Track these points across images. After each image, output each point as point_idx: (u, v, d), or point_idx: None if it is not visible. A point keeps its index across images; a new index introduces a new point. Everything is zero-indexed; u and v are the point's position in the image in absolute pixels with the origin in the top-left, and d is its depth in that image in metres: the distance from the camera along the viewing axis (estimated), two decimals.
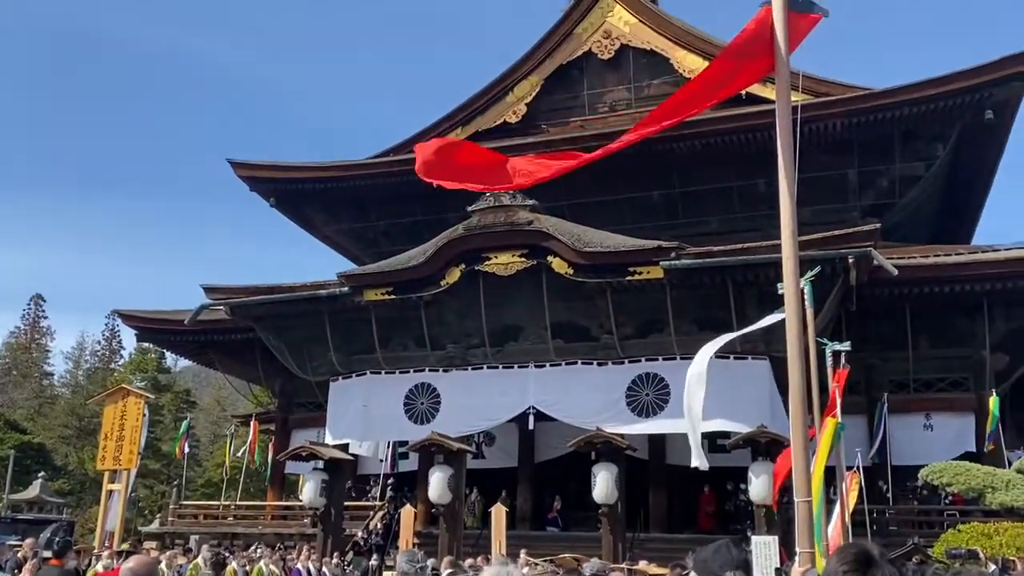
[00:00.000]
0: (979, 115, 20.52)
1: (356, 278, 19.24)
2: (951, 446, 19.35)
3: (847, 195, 22.62)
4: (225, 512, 24.19)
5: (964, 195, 24.76)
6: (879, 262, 16.41)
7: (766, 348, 16.92)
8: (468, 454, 19.10)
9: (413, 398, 19.70)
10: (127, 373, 50.34)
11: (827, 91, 22.02)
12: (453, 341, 19.46)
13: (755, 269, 16.32)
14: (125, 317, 26.36)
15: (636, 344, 18.24)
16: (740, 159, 22.13)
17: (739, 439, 16.36)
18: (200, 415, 56.21)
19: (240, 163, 26.38)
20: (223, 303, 20.52)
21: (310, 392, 23.41)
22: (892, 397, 19.72)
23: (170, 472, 44.53)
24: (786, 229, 5.61)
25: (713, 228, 22.97)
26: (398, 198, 25.78)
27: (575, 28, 26.23)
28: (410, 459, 21.88)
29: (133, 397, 22.83)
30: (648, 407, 17.99)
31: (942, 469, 15.97)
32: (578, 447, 16.99)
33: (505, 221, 18.04)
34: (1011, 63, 19.78)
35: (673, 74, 25.08)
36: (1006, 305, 19.35)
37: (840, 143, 21.54)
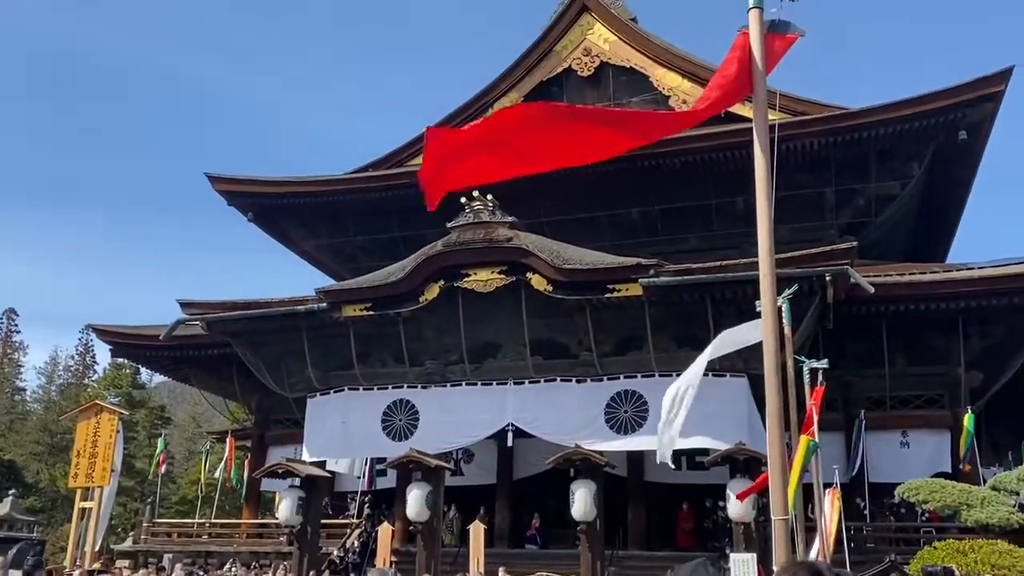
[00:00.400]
0: (953, 135, 20.80)
1: (334, 294, 19.13)
2: (927, 463, 19.47)
3: (824, 213, 22.82)
4: (200, 530, 23.84)
5: (939, 214, 25.06)
6: (856, 280, 16.53)
7: (744, 365, 16.97)
8: (446, 471, 18.96)
9: (391, 415, 19.56)
10: (101, 389, 49.68)
11: (804, 110, 22.26)
12: (432, 357, 19.37)
13: (733, 286, 16.39)
14: (100, 332, 26.03)
15: (615, 361, 18.24)
16: (718, 177, 22.29)
17: (717, 456, 16.36)
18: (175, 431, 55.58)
19: (218, 177, 26.23)
20: (200, 318, 20.32)
21: (287, 408, 23.20)
22: (869, 414, 19.83)
23: (144, 489, 43.93)
24: (764, 247, 5.63)
25: (692, 245, 23.10)
26: (377, 214, 25.74)
27: (555, 45, 26.39)
28: (388, 476, 21.72)
29: (107, 413, 22.50)
30: (627, 424, 17.97)
31: (918, 486, 16.05)
32: (557, 464, 16.92)
33: (484, 238, 18.03)
34: (984, 84, 20.09)
35: (652, 91, 25.28)
36: (980, 323, 19.55)
37: (817, 162, 21.75)
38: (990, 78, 20.04)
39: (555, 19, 26.63)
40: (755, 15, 5.65)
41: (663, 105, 25.06)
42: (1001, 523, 14.97)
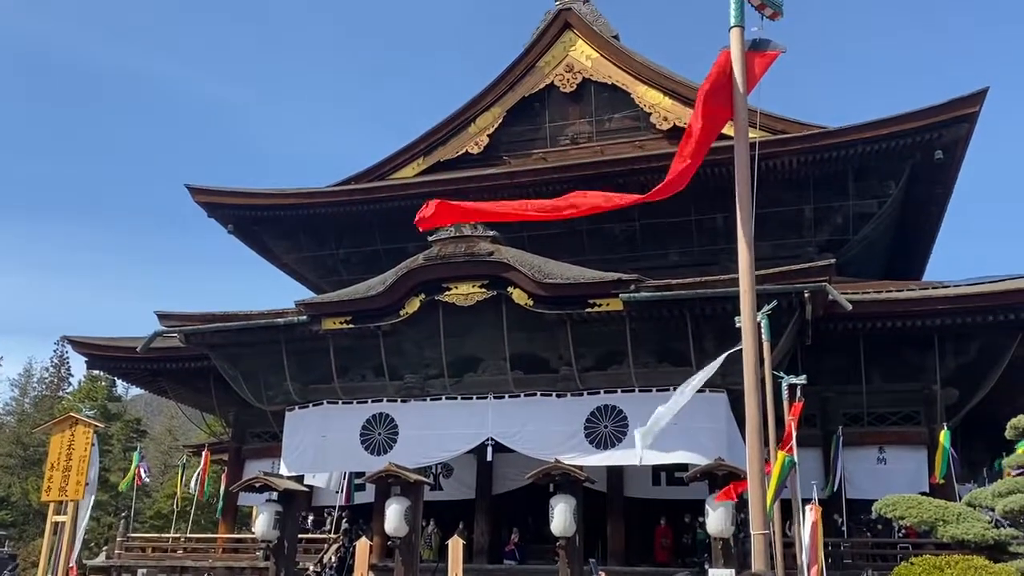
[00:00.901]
0: (929, 155, 21.09)
1: (315, 307, 19.04)
2: (904, 479, 19.59)
3: (803, 230, 23.03)
4: (174, 545, 23.50)
5: (915, 232, 25.36)
6: (834, 297, 16.67)
7: (723, 381, 17.02)
8: (425, 486, 18.87)
9: (370, 429, 19.46)
10: (76, 401, 49.03)
11: (783, 129, 22.50)
12: (412, 371, 19.31)
13: (713, 302, 16.48)
14: (75, 344, 25.72)
15: (595, 376, 18.26)
16: (699, 193, 22.36)
17: (696, 472, 16.38)
18: (151, 445, 54.94)
19: (198, 188, 26.08)
20: (178, 330, 20.14)
21: (265, 422, 23.02)
22: (846, 430, 19.94)
23: (118, 503, 43.33)
24: (743, 263, 5.69)
25: (672, 261, 23.22)
26: (358, 227, 25.69)
27: (538, 61, 26.53)
28: (366, 491, 21.56)
29: (81, 426, 22.12)
30: (607, 439, 17.98)
31: (895, 502, 16.14)
32: (536, 479, 16.87)
33: (466, 251, 18.03)
34: (960, 105, 20.39)
35: (634, 108, 25.46)
36: (956, 340, 19.75)
37: (796, 180, 21.98)
38: (965, 99, 20.35)
39: (538, 35, 26.79)
40: (736, 34, 5.73)
41: (644, 121, 25.24)
42: (977, 539, 15.08)
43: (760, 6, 5.79)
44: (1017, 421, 15.74)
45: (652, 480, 21.07)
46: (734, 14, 5.71)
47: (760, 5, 5.79)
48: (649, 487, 21.06)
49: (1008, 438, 16.26)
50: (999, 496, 15.49)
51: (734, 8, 5.72)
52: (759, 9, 5.81)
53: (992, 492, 15.97)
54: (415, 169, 26.53)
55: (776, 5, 5.82)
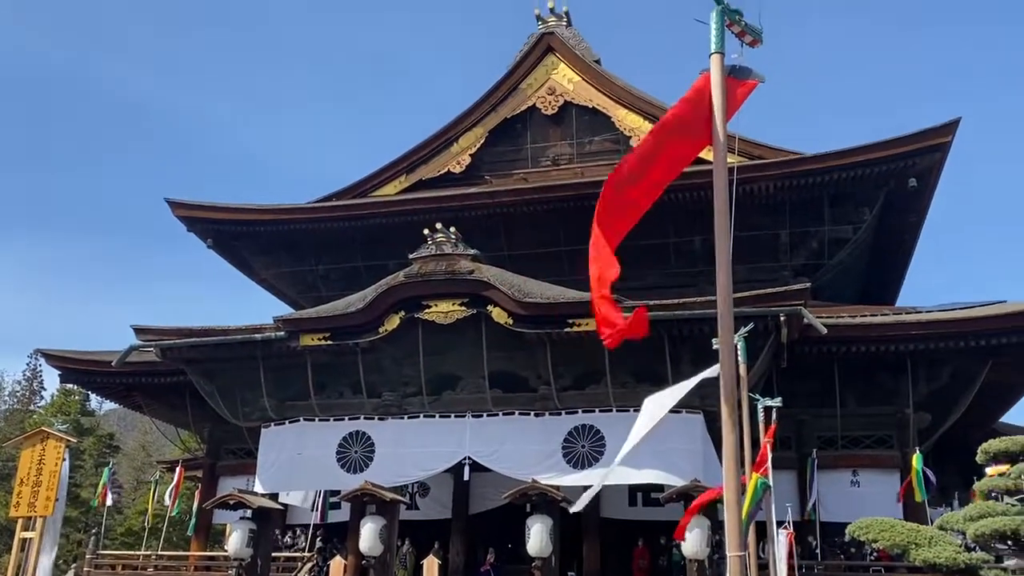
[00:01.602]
0: (903, 182, 21.45)
1: (293, 322, 18.97)
2: (877, 503, 19.73)
3: (779, 254, 23.29)
4: (145, 562, 23.18)
5: (889, 258, 25.72)
6: (809, 320, 16.87)
7: (700, 402, 17.14)
8: (401, 505, 18.78)
9: (347, 446, 19.37)
10: (48, 415, 48.29)
11: (761, 154, 22.81)
12: (390, 389, 19.27)
13: (691, 323, 16.62)
14: (48, 357, 25.41)
15: (573, 395, 18.32)
16: (677, 216, 22.65)
17: (672, 493, 16.45)
18: (124, 460, 54.15)
19: (178, 203, 25.97)
20: (154, 344, 19.98)
21: (240, 438, 22.83)
22: (820, 453, 20.10)
23: (88, 520, 42.63)
24: (721, 286, 5.77)
25: (650, 283, 23.34)
26: (339, 243, 25.66)
27: (520, 83, 26.76)
28: (341, 509, 21.41)
29: (53, 440, 21.83)
30: (584, 459, 18.01)
31: (868, 525, 16.25)
32: (513, 499, 16.86)
33: (446, 270, 18.08)
34: (933, 134, 20.79)
35: (614, 131, 25.72)
36: (928, 365, 20.01)
37: (773, 204, 22.25)
38: (938, 129, 20.76)
39: (521, 58, 27.05)
40: (716, 60, 5.84)
41: (624, 144, 25.49)
42: (948, 562, 15.22)
43: (740, 33, 5.91)
44: (988, 445, 15.96)
45: (628, 501, 21.11)
46: (715, 40, 5.83)
47: (740, 32, 5.91)
48: (626, 508, 21.09)
49: (979, 462, 16.48)
50: (970, 520, 15.66)
51: (715, 35, 5.84)
52: (739, 36, 5.93)
53: (963, 516, 16.14)
54: (397, 187, 26.61)
55: (756, 33, 5.94)
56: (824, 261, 23.36)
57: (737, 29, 5.90)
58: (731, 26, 5.89)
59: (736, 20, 5.88)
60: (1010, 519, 14.97)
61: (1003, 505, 15.95)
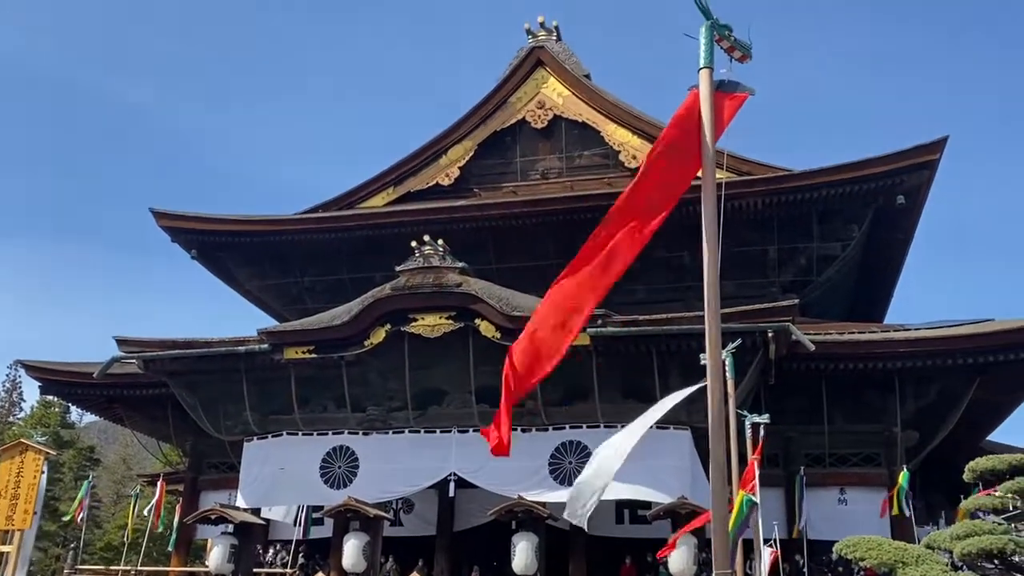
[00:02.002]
0: (891, 200, 21.51)
1: (277, 335, 18.79)
2: (865, 521, 19.65)
3: (767, 271, 23.29)
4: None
5: (877, 275, 25.77)
6: (797, 337, 16.83)
7: (688, 419, 17.05)
8: (385, 521, 18.56)
9: (330, 461, 19.15)
10: (27, 427, 47.74)
11: (749, 170, 22.84)
12: (375, 403, 19.08)
13: (679, 339, 16.55)
14: (29, 368, 25.09)
15: (561, 411, 18.18)
16: (666, 231, 22.36)
17: (659, 510, 16.32)
18: (104, 474, 53.56)
19: (162, 213, 25.78)
20: (136, 356, 19.75)
21: (222, 452, 22.57)
22: (808, 471, 20.01)
23: (67, 534, 42.06)
24: (709, 301, 5.68)
25: (639, 298, 23.30)
26: (325, 255, 25.51)
27: (510, 97, 26.77)
28: (324, 524, 21.15)
29: (32, 453, 21.54)
30: (571, 475, 17.82)
31: (855, 543, 16.13)
32: (499, 516, 16.69)
33: (433, 283, 17.95)
34: (921, 152, 20.88)
35: (603, 146, 25.73)
36: (916, 383, 20.00)
37: (761, 221, 22.26)
38: (927, 146, 20.85)
39: (511, 71, 27.06)
40: (705, 75, 5.77)
41: (613, 159, 25.49)
42: None
43: (729, 48, 5.85)
44: (975, 464, 15.90)
45: (616, 518, 20.94)
46: (704, 55, 5.76)
47: (729, 48, 5.85)
48: (612, 525, 20.92)
49: (966, 480, 16.43)
50: (957, 539, 15.58)
51: (704, 50, 5.78)
52: (728, 52, 5.87)
53: (950, 535, 16.06)
54: (385, 199, 26.51)
55: (745, 48, 5.88)
56: (812, 278, 23.37)
57: (726, 44, 5.84)
58: (720, 41, 5.83)
59: (725, 35, 5.83)
60: (997, 538, 14.90)
61: (990, 524, 15.89)
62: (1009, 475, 15.19)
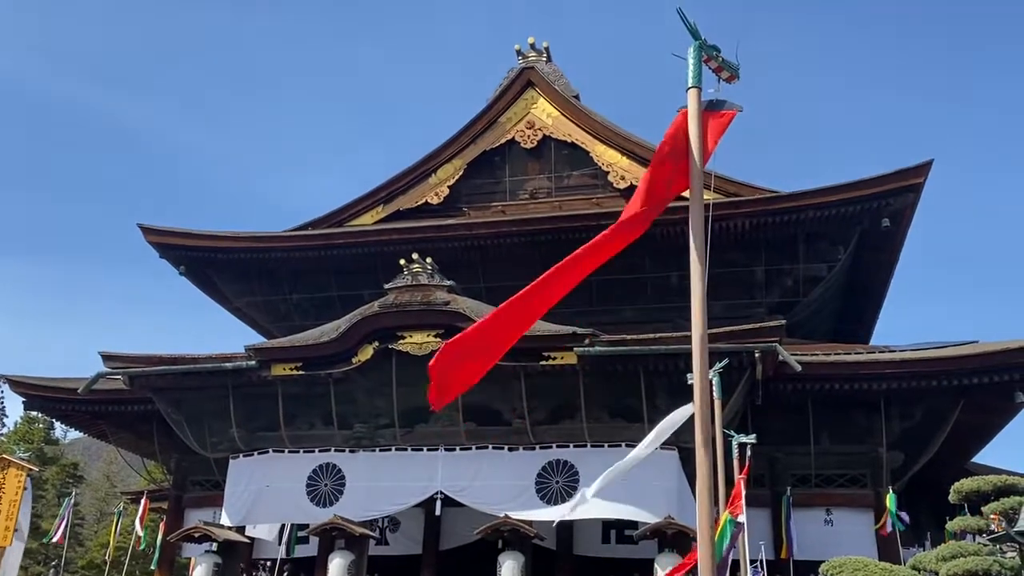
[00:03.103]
0: (877, 222, 21.72)
1: (265, 352, 18.73)
2: (851, 542, 19.67)
3: (754, 291, 23.42)
4: None
5: (863, 296, 25.95)
6: (784, 357, 16.90)
7: (675, 438, 16.98)
8: (371, 539, 18.44)
9: (316, 479, 19.03)
10: (10, 443, 47.23)
11: (736, 191, 23.03)
12: (361, 421, 19.01)
13: (666, 359, 16.59)
14: (13, 383, 24.86)
15: (548, 430, 18.16)
16: (653, 251, 22.75)
17: (646, 530, 16.30)
18: (87, 491, 52.99)
19: (150, 228, 25.72)
20: (122, 372, 19.61)
21: (208, 469, 22.37)
22: (794, 491, 20.05)
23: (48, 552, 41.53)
24: (696, 321, 5.72)
25: (626, 317, 23.37)
26: (313, 272, 25.49)
27: (500, 117, 26.91)
28: (309, 543, 20.98)
29: (14, 469, 21.26)
30: (558, 494, 17.80)
31: (841, 564, 16.15)
32: (485, 534, 16.63)
33: (421, 300, 17.96)
34: (906, 176, 21.11)
35: (593, 166, 25.89)
36: (901, 404, 20.10)
37: (748, 242, 22.41)
38: (911, 170, 21.09)
39: (501, 92, 27.22)
40: (694, 95, 5.84)
41: (602, 179, 25.64)
42: None
43: (717, 68, 5.92)
44: (960, 485, 15.97)
45: (602, 538, 20.87)
46: (692, 75, 5.84)
47: (717, 68, 5.92)
48: (599, 545, 20.84)
49: (952, 502, 16.48)
50: (943, 560, 15.61)
51: (692, 70, 5.85)
52: (716, 72, 5.94)
53: (936, 556, 16.09)
54: (374, 217, 26.54)
55: (733, 68, 5.96)
56: (799, 299, 23.51)
57: (714, 65, 5.92)
58: (708, 61, 5.90)
59: (713, 56, 5.90)
60: (981, 559, 14.94)
61: (975, 545, 15.94)
62: (994, 496, 15.26)
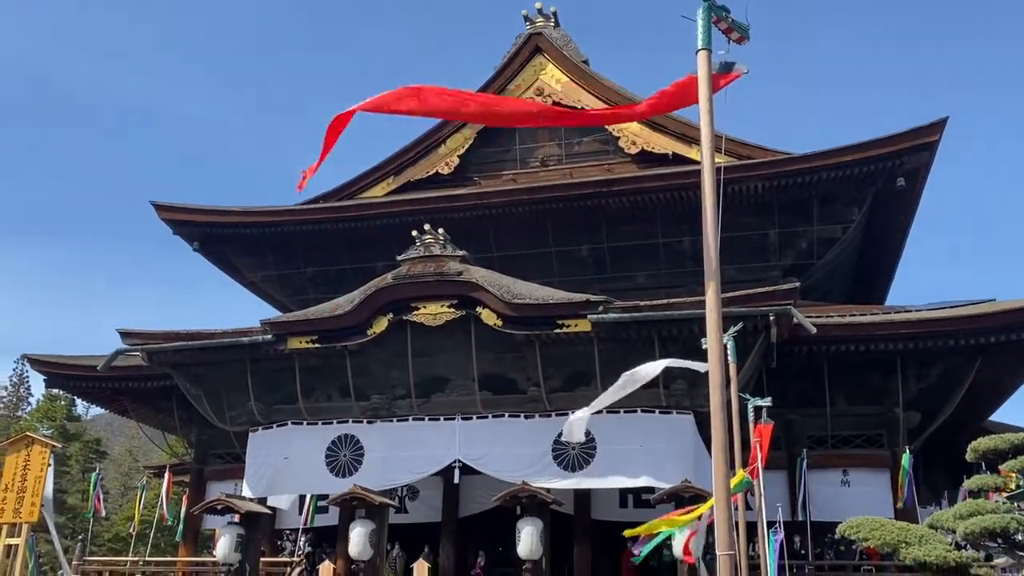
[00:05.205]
0: (892, 182, 21.49)
1: (280, 325, 18.83)
2: (867, 502, 19.74)
3: (768, 254, 23.29)
4: (133, 568, 23.00)
5: (878, 257, 25.77)
6: (798, 320, 16.85)
7: (690, 403, 17.12)
8: (390, 508, 18.66)
9: (335, 450, 19.23)
10: (34, 421, 47.96)
11: (749, 154, 22.81)
12: (378, 392, 19.14)
13: (680, 324, 16.57)
14: (34, 362, 25.18)
15: (563, 397, 18.22)
16: (667, 217, 22.68)
17: (663, 494, 16.39)
18: (110, 466, 53.84)
19: (164, 205, 25.80)
20: (140, 348, 19.79)
21: (228, 443, 22.65)
22: (810, 453, 20.08)
23: (75, 526, 42.31)
24: (710, 286, 5.72)
25: (640, 283, 23.34)
26: (326, 246, 25.54)
27: (508, 84, 26.69)
28: (328, 513, 21.28)
29: (38, 446, 21.61)
30: (575, 461, 17.91)
31: (858, 524, 16.22)
32: (503, 502, 16.77)
33: (435, 271, 17.97)
34: (920, 134, 20.84)
35: (603, 132, 25.66)
36: (918, 364, 20.02)
37: (762, 205, 22.25)
38: (926, 128, 20.81)
39: (509, 59, 26.97)
40: (703, 57, 5.79)
41: (613, 145, 25.46)
42: (938, 561, 15.20)
43: (727, 30, 5.87)
44: (977, 444, 15.96)
45: (619, 502, 21.04)
46: (701, 37, 5.78)
47: (727, 29, 5.86)
48: (616, 509, 21.02)
49: (969, 460, 16.48)
50: (960, 518, 15.65)
51: (701, 32, 5.79)
52: (726, 33, 5.88)
53: (953, 514, 16.12)
54: (385, 189, 26.50)
55: (743, 29, 5.90)
56: (813, 261, 23.37)
57: (724, 26, 5.86)
58: (718, 22, 5.85)
59: (723, 17, 5.84)
60: (1000, 517, 14.97)
61: (993, 503, 15.96)
62: (1011, 454, 15.25)
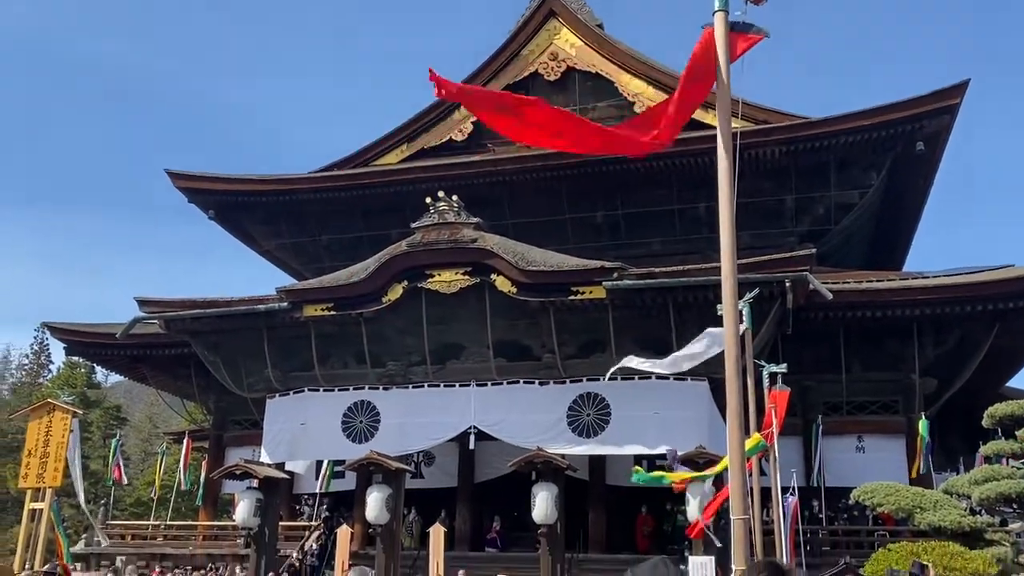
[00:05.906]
0: (911, 146, 21.19)
1: (296, 293, 18.93)
2: (882, 468, 19.77)
3: (784, 220, 23.11)
4: (154, 532, 23.42)
5: (896, 222, 25.51)
6: (815, 286, 16.76)
7: (705, 369, 17.05)
8: (407, 474, 18.84)
9: (352, 416, 19.40)
10: (54, 388, 48.53)
11: (766, 119, 22.54)
12: (394, 358, 19.25)
13: (695, 290, 16.53)
14: (54, 330, 25.49)
15: (578, 364, 18.28)
16: (682, 182, 22.50)
17: (676, 457, 16.44)
18: (131, 432, 54.52)
19: (179, 174, 25.85)
20: (158, 316, 19.99)
21: (246, 409, 22.91)
22: (825, 419, 20.09)
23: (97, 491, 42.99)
24: (726, 252, 5.67)
25: (655, 250, 23.24)
26: (341, 214, 25.55)
27: (522, 49, 26.41)
28: (346, 478, 21.53)
29: (59, 412, 21.85)
30: (589, 427, 18.01)
31: (873, 490, 16.29)
32: (518, 467, 16.89)
33: (449, 238, 17.97)
34: (941, 97, 20.49)
35: (618, 97, 25.40)
36: (934, 331, 19.92)
37: (778, 170, 22.03)
38: (947, 91, 20.45)
39: (522, 23, 26.67)
40: (720, 18, 5.69)
41: (628, 110, 25.21)
42: (953, 526, 15.27)
43: None
44: (994, 410, 15.93)
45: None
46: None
47: None
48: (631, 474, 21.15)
49: (985, 427, 16.45)
50: (975, 484, 15.69)
51: None
52: None
53: (968, 480, 16.16)
54: (399, 156, 26.41)
55: None
56: (830, 227, 23.17)
57: None
58: None
59: None
60: (1015, 483, 14.99)
61: (1008, 469, 15.97)
62: None
